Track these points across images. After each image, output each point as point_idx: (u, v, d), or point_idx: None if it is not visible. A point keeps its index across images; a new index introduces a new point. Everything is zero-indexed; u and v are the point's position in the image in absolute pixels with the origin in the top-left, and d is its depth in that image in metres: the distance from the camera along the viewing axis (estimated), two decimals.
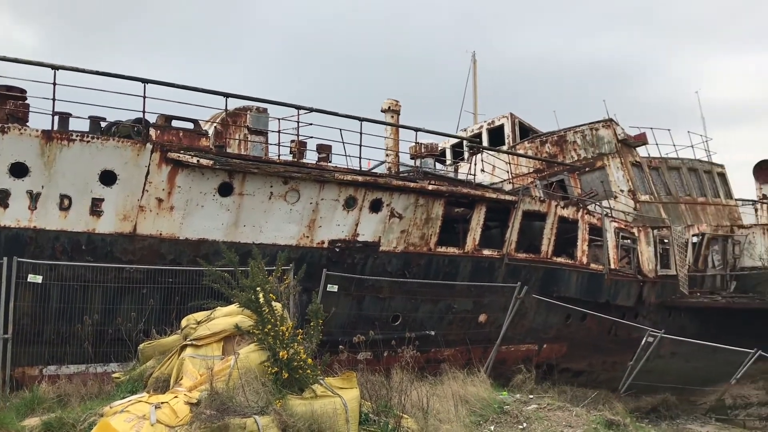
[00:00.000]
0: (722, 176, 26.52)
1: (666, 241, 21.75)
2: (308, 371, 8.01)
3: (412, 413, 8.91)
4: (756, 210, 29.50)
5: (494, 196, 16.57)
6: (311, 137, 14.95)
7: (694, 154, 25.87)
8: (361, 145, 14.65)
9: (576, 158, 23.12)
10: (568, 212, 18.35)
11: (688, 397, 16.70)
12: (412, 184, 14.74)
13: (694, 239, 23.72)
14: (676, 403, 15.44)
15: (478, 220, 16.19)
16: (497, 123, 25.83)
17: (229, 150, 14.30)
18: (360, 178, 13.92)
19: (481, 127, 26.46)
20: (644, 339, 15.07)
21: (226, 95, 12.85)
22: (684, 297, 21.79)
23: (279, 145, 15.54)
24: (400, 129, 16.72)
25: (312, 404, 7.62)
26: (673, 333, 17.91)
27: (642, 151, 23.93)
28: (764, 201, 29.26)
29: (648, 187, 23.11)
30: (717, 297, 22.72)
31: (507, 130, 25.36)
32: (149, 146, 11.77)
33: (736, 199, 27.41)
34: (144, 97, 11.83)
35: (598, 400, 13.06)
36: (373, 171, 16.31)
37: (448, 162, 26.84)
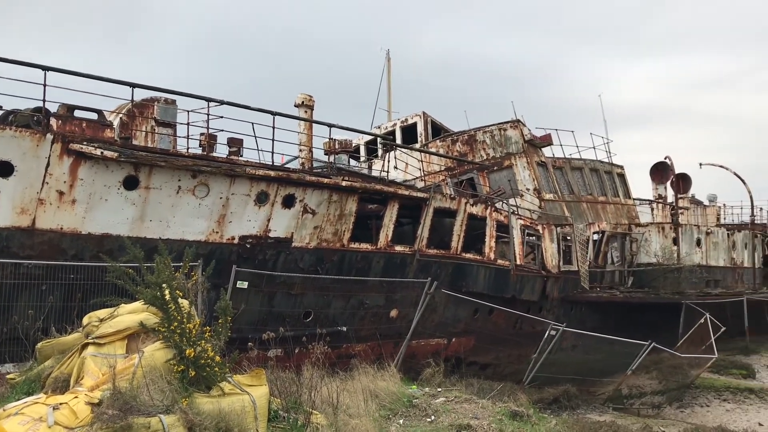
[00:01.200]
0: (621, 177, 27.85)
1: (569, 238, 22.66)
2: (216, 369, 7.87)
3: (322, 409, 8.92)
4: (652, 209, 31.24)
5: (407, 193, 16.78)
6: (222, 131, 14.70)
7: (596, 155, 27.07)
8: (273, 140, 14.51)
9: (485, 157, 23.72)
10: (477, 210, 18.81)
11: (588, 387, 17.43)
12: (325, 180, 14.73)
13: (595, 236, 24.84)
14: (576, 393, 16.06)
15: (390, 216, 16.36)
16: (410, 121, 26.17)
17: (135, 142, 13.82)
18: (272, 173, 13.78)
19: (395, 124, 26.74)
20: (547, 332, 15.64)
21: (133, 85, 12.43)
22: (585, 292, 22.78)
23: (188, 138, 15.16)
24: (314, 125, 16.67)
25: (219, 402, 7.51)
26: (575, 326, 18.67)
27: (547, 151, 24.84)
28: (660, 201, 31.01)
29: (552, 186, 24.00)
30: (615, 292, 23.88)
31: (420, 129, 25.73)
32: (50, 136, 11.24)
33: (634, 199, 28.85)
34: (44, 85, 11.28)
35: (503, 392, 13.45)
36: (287, 166, 16.16)
37: (362, 159, 26.97)
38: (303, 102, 16.23)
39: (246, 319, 13.49)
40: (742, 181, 32.08)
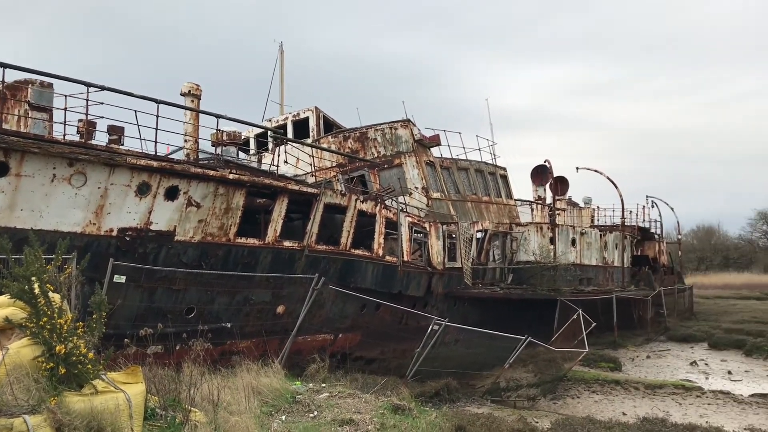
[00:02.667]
0: (504, 178, 28.94)
1: (454, 236, 23.31)
2: (89, 366, 7.51)
3: (202, 406, 8.73)
4: (532, 210, 32.68)
5: (297, 188, 16.67)
6: (102, 117, 14.00)
7: (481, 156, 27.99)
8: (157, 129, 13.97)
9: (376, 155, 23.97)
10: (367, 206, 18.97)
11: (468, 381, 18.00)
12: (211, 173, 14.37)
13: (479, 235, 25.69)
14: (457, 387, 16.53)
15: (279, 211, 16.20)
16: (303, 116, 26.01)
17: (6, 126, 12.94)
18: (155, 164, 13.29)
19: (287, 118, 26.49)
20: (430, 327, 16.00)
21: (4, 66, 11.61)
22: (468, 288, 23.53)
23: (65, 123, 14.33)
24: (201, 115, 16.22)
25: (92, 401, 7.18)
26: (458, 321, 19.25)
27: (435, 151, 25.43)
28: (539, 202, 32.47)
29: (440, 185, 24.61)
30: (496, 288, 24.81)
31: (312, 124, 25.62)
32: None
33: (515, 200, 30.06)
34: None
35: (387, 386, 13.64)
36: (171, 157, 15.61)
37: (251, 152, 26.53)
38: (189, 91, 15.73)
39: (124, 314, 12.97)
40: (614, 185, 34.13)
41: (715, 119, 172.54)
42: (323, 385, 12.54)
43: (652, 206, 42.33)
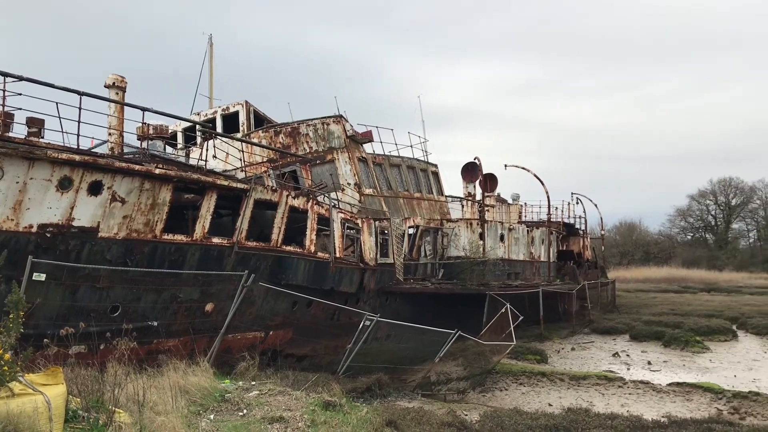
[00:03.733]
0: (435, 175, 29.29)
1: (386, 232, 23.44)
2: (5, 368, 7.21)
3: (127, 407, 8.50)
4: (462, 206, 33.18)
5: (226, 183, 16.39)
6: (20, 109, 13.39)
7: (413, 153, 28.23)
8: (80, 122, 13.49)
9: (308, 150, 23.84)
10: (298, 202, 18.84)
11: (400, 375, 18.14)
12: (137, 167, 13.98)
13: (410, 231, 25.93)
14: (388, 382, 16.63)
15: (208, 207, 15.90)
16: (232, 110, 25.60)
17: None
18: (77, 158, 12.83)
19: (216, 112, 26.01)
20: (362, 323, 16.05)
21: None
22: (400, 283, 23.72)
23: None
24: (126, 108, 15.75)
25: (8, 404, 6.89)
26: (390, 317, 19.36)
27: (368, 147, 25.50)
28: (469, 198, 32.99)
29: (372, 181, 24.68)
30: (427, 283, 25.09)
31: (242, 118, 25.26)
32: None
33: (446, 196, 30.47)
34: None
35: (318, 383, 13.60)
36: (94, 151, 15.10)
37: (179, 146, 25.93)
38: (114, 83, 15.27)
39: (44, 313, 12.49)
40: (541, 182, 35.06)
41: (637, 119, 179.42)
42: (253, 383, 12.40)
43: (577, 203, 43.72)
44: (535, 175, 35.28)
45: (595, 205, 48.29)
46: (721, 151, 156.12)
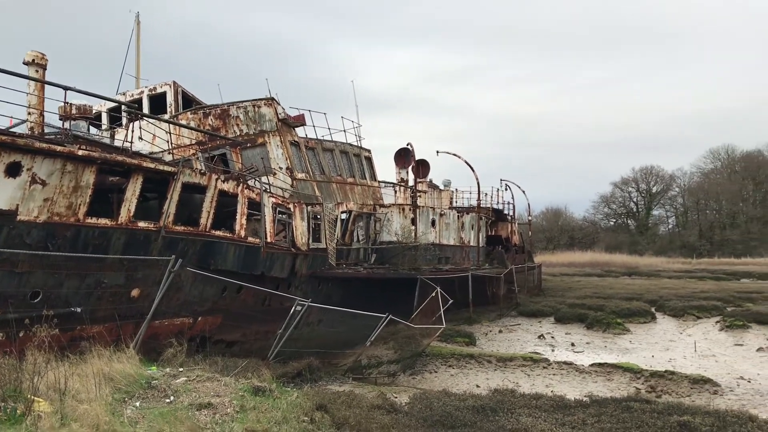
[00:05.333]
0: (369, 160, 29.31)
1: (318, 216, 23.35)
2: None
3: (48, 395, 8.23)
4: (395, 192, 33.36)
5: (152, 166, 15.95)
6: None
7: (346, 138, 28.15)
8: None
9: (238, 133, 23.45)
10: (228, 186, 18.53)
11: (331, 360, 18.20)
12: (58, 148, 13.44)
13: (343, 216, 25.91)
14: (319, 366, 16.66)
15: (134, 190, 15.45)
16: (160, 90, 24.89)
17: None
18: None
19: (143, 92, 25.24)
20: (293, 308, 15.98)
21: None
22: (332, 268, 23.70)
23: None
24: (47, 86, 15.09)
25: None
26: (322, 302, 19.35)
27: (300, 131, 25.28)
28: (402, 184, 33.21)
29: (304, 165, 24.50)
30: (360, 268, 25.18)
31: (170, 99, 24.60)
32: None
33: (379, 181, 30.56)
34: None
35: (248, 368, 13.50)
36: (12, 130, 14.42)
37: (103, 127, 25.08)
38: (33, 60, 14.60)
39: None
40: (471, 168, 35.58)
41: (563, 107, 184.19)
42: (181, 369, 12.21)
43: (506, 189, 44.66)
44: (466, 162, 35.77)
45: (523, 192, 49.46)
46: (643, 140, 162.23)
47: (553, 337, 25.45)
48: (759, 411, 13.63)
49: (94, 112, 21.78)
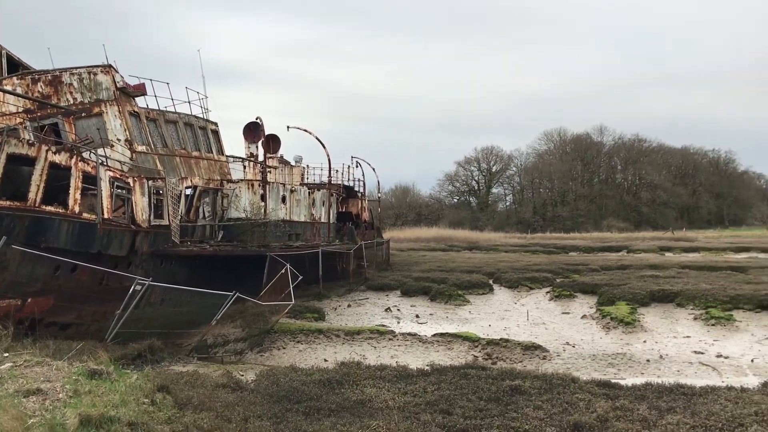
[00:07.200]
0: (215, 133, 28.42)
1: (161, 192, 22.39)
2: None
3: None
4: (244, 167, 32.67)
5: None
6: None
7: (191, 109, 27.08)
8: None
9: (72, 102, 21.90)
10: (60, 158, 17.33)
11: (175, 340, 17.64)
12: None
13: (188, 191, 25.03)
14: (162, 347, 16.08)
15: None
16: None
17: None
18: None
19: None
20: (132, 287, 15.28)
21: None
22: (176, 246, 22.88)
23: None
24: None
25: None
26: (166, 281, 18.64)
27: (141, 102, 24.01)
28: (251, 159, 32.59)
29: (145, 138, 23.33)
30: (206, 245, 24.49)
31: None
32: None
33: (227, 156, 29.77)
34: None
35: (83, 351, 12.78)
36: None
37: None
38: None
39: None
40: (323, 145, 35.58)
41: (413, 85, 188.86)
42: (6, 354, 11.31)
43: (357, 166, 45.12)
44: (317, 138, 35.68)
45: (373, 169, 50.36)
46: (486, 121, 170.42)
47: (399, 310, 26.23)
48: (581, 373, 14.94)
49: None
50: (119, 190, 20.03)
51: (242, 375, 13.74)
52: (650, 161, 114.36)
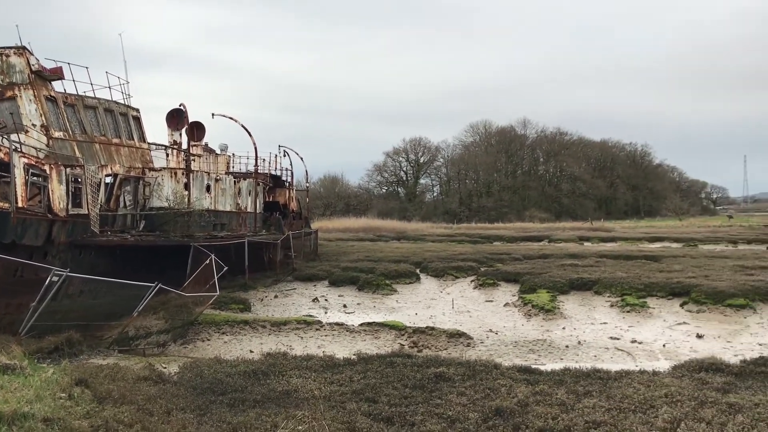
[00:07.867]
0: (137, 120, 27.60)
1: (79, 180, 21.61)
2: None
3: None
4: (167, 155, 31.83)
5: None
6: None
7: (111, 95, 26.19)
8: None
9: None
10: None
11: (95, 332, 17.11)
12: None
13: (108, 179, 24.24)
14: (80, 339, 15.55)
15: None
16: None
17: None
18: None
19: None
20: (48, 279, 14.73)
21: None
22: (95, 236, 22.14)
23: None
24: None
25: None
26: (85, 271, 18.04)
27: (58, 86, 23.05)
28: (174, 147, 31.79)
29: (63, 123, 22.45)
30: (127, 235, 23.80)
31: None
32: None
33: (149, 143, 28.95)
34: None
35: None
36: None
37: None
38: None
39: None
40: (249, 133, 35.07)
41: (342, 75, 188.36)
42: None
43: (284, 155, 44.62)
44: (243, 126, 35.11)
45: (302, 159, 49.75)
46: (414, 112, 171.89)
47: (326, 300, 26.24)
48: (503, 359, 15.35)
49: None
50: (35, 178, 19.21)
51: (165, 367, 13.47)
52: (571, 154, 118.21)
